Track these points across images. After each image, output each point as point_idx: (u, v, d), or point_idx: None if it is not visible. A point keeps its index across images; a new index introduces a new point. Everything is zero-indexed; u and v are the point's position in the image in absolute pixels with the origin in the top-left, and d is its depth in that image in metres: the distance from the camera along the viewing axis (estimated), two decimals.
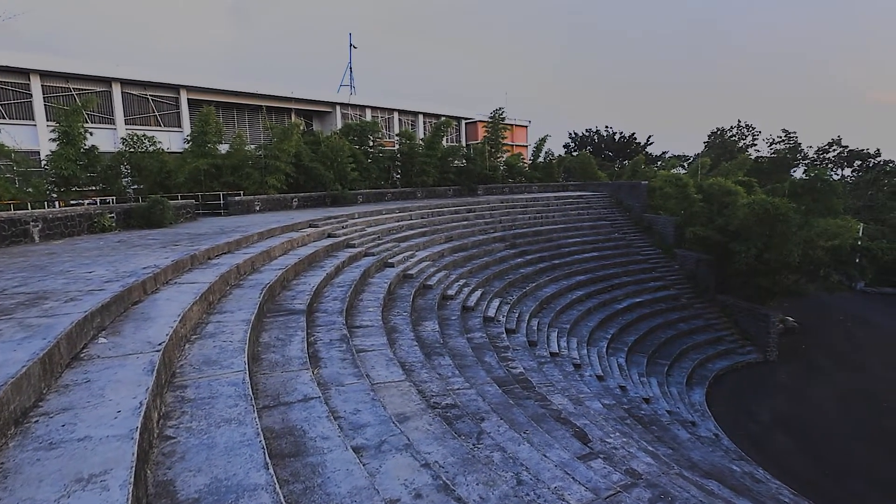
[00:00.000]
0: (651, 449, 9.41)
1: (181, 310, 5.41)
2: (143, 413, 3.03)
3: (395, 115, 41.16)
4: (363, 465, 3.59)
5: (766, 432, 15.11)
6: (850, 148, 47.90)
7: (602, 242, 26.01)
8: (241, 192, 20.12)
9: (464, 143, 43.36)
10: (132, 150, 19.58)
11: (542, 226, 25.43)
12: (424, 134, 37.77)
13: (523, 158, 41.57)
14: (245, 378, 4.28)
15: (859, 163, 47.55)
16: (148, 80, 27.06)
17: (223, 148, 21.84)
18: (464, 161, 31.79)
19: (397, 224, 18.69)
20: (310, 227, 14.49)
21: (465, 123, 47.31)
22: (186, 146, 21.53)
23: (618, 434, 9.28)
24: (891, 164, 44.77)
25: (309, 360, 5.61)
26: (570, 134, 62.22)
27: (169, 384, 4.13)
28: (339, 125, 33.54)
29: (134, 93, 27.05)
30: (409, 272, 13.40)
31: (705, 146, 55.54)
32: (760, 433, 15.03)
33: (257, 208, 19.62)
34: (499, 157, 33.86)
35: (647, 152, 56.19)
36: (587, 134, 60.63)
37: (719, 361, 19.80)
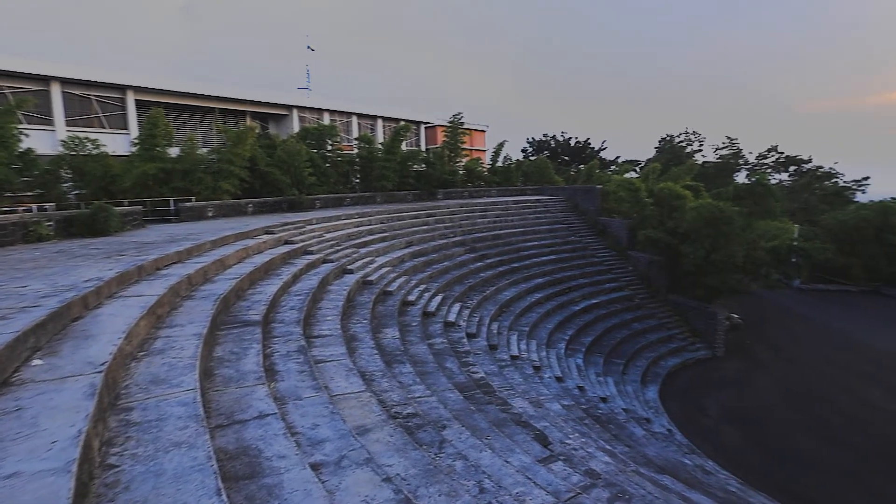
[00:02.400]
0: (609, 448, 9.67)
1: (127, 325, 5.14)
2: (82, 442, 2.85)
3: (354, 118, 40.75)
4: (322, 484, 3.51)
5: (716, 425, 15.84)
6: (786, 154, 51.13)
7: (559, 245, 26.61)
8: (193, 198, 19.35)
9: (423, 148, 43.39)
10: (73, 153, 18.48)
11: (502, 230, 25.76)
12: (384, 138, 37.57)
13: (482, 163, 42.03)
14: (196, 397, 4.11)
15: (794, 168, 50.77)
16: (91, 79, 25.67)
17: (174, 152, 20.95)
18: (423, 165, 31.81)
19: (356, 229, 18.48)
20: (266, 233, 14.11)
21: (425, 128, 47.39)
22: (134, 149, 20.51)
23: (577, 435, 9.50)
24: (821, 170, 48.09)
25: (265, 373, 5.44)
26: (528, 139, 63.49)
27: (112, 407, 3.90)
28: (297, 129, 32.88)
29: (75, 93, 25.58)
30: (369, 278, 13.26)
31: (656, 151, 57.87)
32: (710, 426, 15.74)
33: (210, 215, 18.92)
34: (458, 162, 34.08)
35: (601, 157, 57.99)
36: (544, 139, 61.97)
37: (671, 359, 20.62)
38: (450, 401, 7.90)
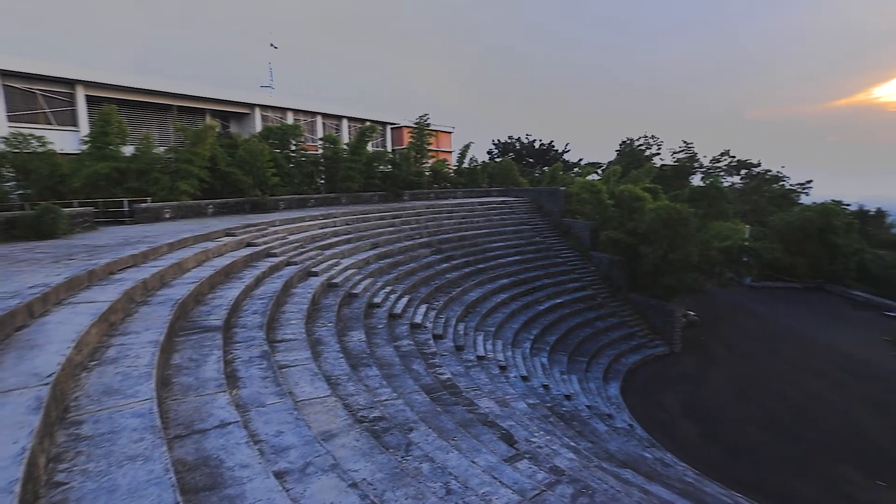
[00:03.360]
0: (573, 444, 9.89)
1: (76, 334, 4.91)
2: (26, 460, 2.71)
3: (319, 118, 40.12)
4: (286, 492, 3.46)
5: (674, 419, 16.45)
6: (737, 158, 53.65)
7: (524, 246, 27.00)
8: (149, 199, 18.59)
9: (390, 149, 43.16)
10: (16, 150, 17.41)
11: (468, 231, 25.92)
12: (349, 139, 37.16)
13: (448, 164, 42.16)
14: (153, 407, 3.97)
15: (745, 171, 53.35)
16: (36, 72, 24.24)
17: (128, 150, 20.05)
18: (389, 166, 31.63)
19: (321, 231, 18.21)
20: (227, 235, 13.72)
21: (391, 129, 47.15)
22: (84, 148, 19.50)
23: (542, 433, 9.67)
24: (769, 173, 50.74)
25: (226, 380, 5.30)
26: (494, 141, 64.14)
27: (61, 421, 3.72)
28: (259, 128, 32.10)
29: (18, 86, 24.11)
30: (335, 281, 13.10)
31: (617, 154, 59.59)
32: (669, 420, 16.33)
33: (167, 216, 18.23)
34: (424, 163, 34.07)
35: (564, 159, 59.25)
36: (509, 141, 62.76)
37: (632, 356, 21.26)
38: (416, 403, 7.90)
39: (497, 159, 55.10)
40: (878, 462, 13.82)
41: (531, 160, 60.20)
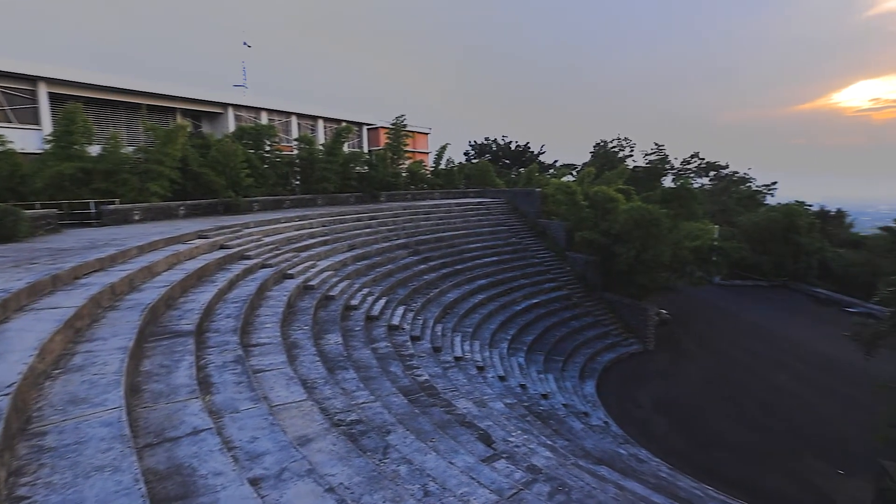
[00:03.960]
0: (549, 443, 10.02)
1: (39, 341, 4.74)
2: None
3: (294, 118, 39.59)
4: (262, 499, 3.42)
5: (648, 416, 16.81)
6: (706, 160, 55.18)
7: (501, 247, 27.20)
8: (117, 201, 18.03)
9: (366, 150, 42.89)
10: None
11: (445, 232, 25.96)
12: (325, 139, 36.78)
13: (425, 165, 42.15)
14: (122, 415, 3.86)
15: (714, 173, 54.93)
16: None
17: (95, 150, 19.39)
18: (366, 167, 31.43)
19: (297, 233, 17.98)
20: (199, 238, 13.42)
21: (367, 129, 46.87)
22: (47, 147, 18.78)
23: (519, 432, 9.76)
24: (737, 175, 52.36)
25: (199, 386, 5.19)
26: (470, 142, 64.39)
27: (23, 433, 3.58)
28: (232, 128, 31.48)
29: None
30: (311, 283, 12.95)
31: (591, 156, 60.52)
32: (643, 417, 16.68)
33: (137, 218, 17.72)
34: (401, 164, 33.97)
35: (540, 161, 59.87)
36: (486, 143, 63.10)
37: (607, 354, 21.63)
38: (394, 405, 7.88)
39: (474, 160, 55.34)
40: (839, 452, 14.41)
41: (507, 161, 60.66)
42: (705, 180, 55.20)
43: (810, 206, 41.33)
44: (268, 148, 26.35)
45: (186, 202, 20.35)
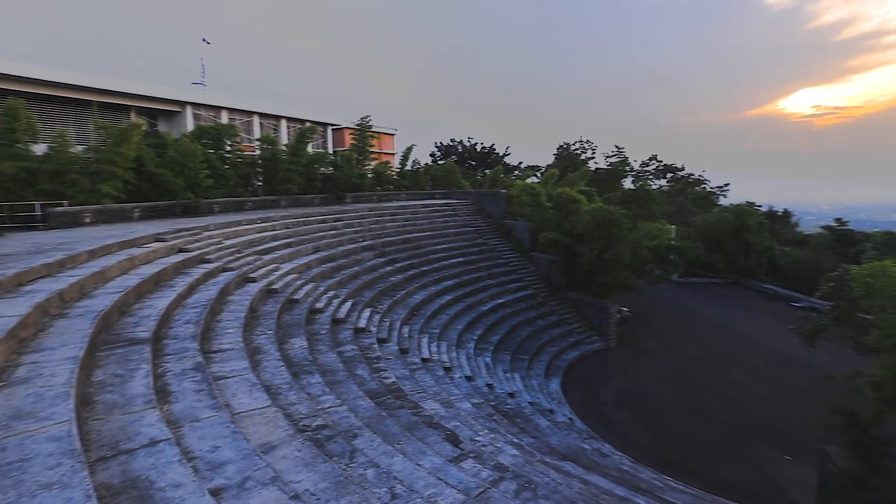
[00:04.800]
0: (516, 441, 10.16)
1: None
2: None
3: (256, 118, 38.67)
4: None
5: (611, 411, 17.28)
6: (664, 163, 57.20)
7: (467, 248, 27.37)
8: (66, 203, 17.13)
9: (331, 150, 42.33)
10: None
11: (411, 233, 25.92)
12: (288, 139, 36.07)
13: (391, 167, 41.96)
14: (71, 429, 3.69)
15: (671, 175, 56.98)
16: None
17: (40, 149, 18.34)
18: (331, 168, 31.01)
19: (259, 235, 17.56)
20: (156, 241, 12.92)
21: (332, 130, 46.27)
22: None
23: (486, 431, 9.86)
24: (692, 177, 54.51)
25: (156, 396, 5.02)
26: (436, 144, 64.53)
27: None
28: (191, 127, 30.45)
29: None
30: (274, 287, 12.68)
31: (554, 158, 61.71)
32: (606, 412, 17.14)
33: (88, 221, 16.89)
34: (367, 165, 33.70)
35: (505, 163, 60.60)
36: (452, 144, 63.38)
37: (571, 352, 22.11)
38: (361, 409, 7.82)
39: (440, 162, 55.47)
40: (788, 439, 15.23)
41: (473, 163, 61.10)
42: (663, 182, 57.20)
43: (760, 206, 43.52)
44: (229, 148, 25.61)
45: (142, 204, 19.54)
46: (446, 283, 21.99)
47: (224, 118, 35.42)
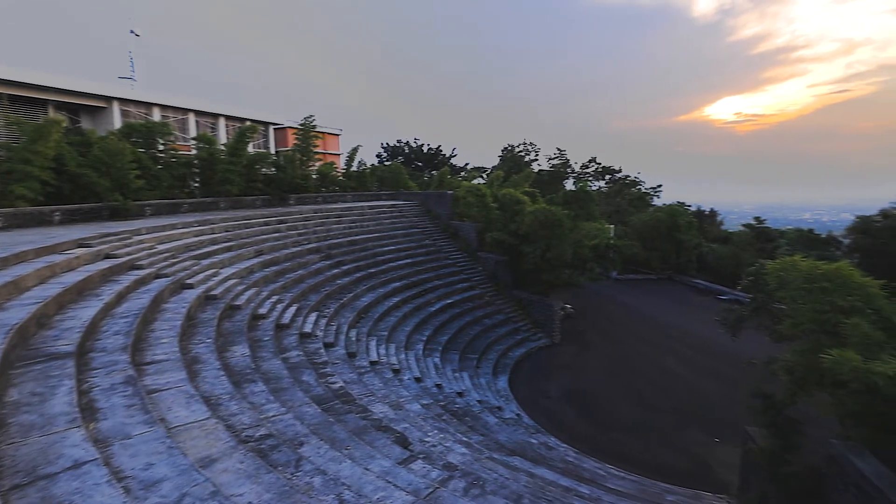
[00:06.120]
0: (465, 439, 10.31)
1: None
2: None
3: (191, 116, 36.79)
4: None
5: (556, 405, 17.85)
6: (602, 165, 59.75)
7: (415, 249, 27.39)
8: None
9: (273, 150, 41.00)
10: None
11: (358, 235, 25.62)
12: (227, 139, 34.60)
13: (336, 167, 41.22)
14: None
15: (609, 177, 59.61)
16: None
17: None
18: (273, 169, 30.02)
19: (197, 239, 16.76)
20: (80, 247, 12.03)
21: (274, 129, 44.83)
22: None
23: (436, 431, 9.94)
24: (629, 178, 57.30)
25: (81, 413, 4.71)
26: (383, 144, 64.08)
27: None
28: (119, 124, 28.54)
29: None
30: (213, 293, 12.15)
31: (499, 160, 62.93)
32: (552, 407, 17.69)
33: None
34: (311, 166, 32.91)
35: (451, 164, 61.13)
36: (398, 145, 63.16)
37: (518, 349, 22.64)
38: (307, 415, 7.67)
39: (386, 163, 55.10)
40: (716, 423, 16.35)
41: (420, 164, 61.18)
42: (602, 183, 59.71)
43: (690, 206, 46.43)
44: (161, 147, 24.21)
45: (63, 207, 18.08)
46: (394, 284, 21.90)
47: (156, 115, 33.46)
